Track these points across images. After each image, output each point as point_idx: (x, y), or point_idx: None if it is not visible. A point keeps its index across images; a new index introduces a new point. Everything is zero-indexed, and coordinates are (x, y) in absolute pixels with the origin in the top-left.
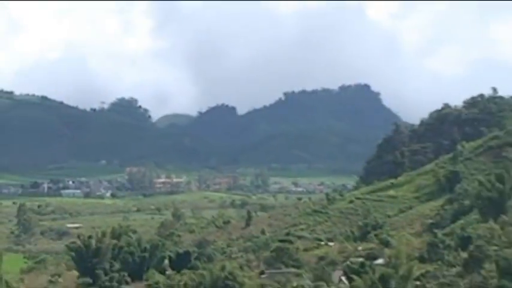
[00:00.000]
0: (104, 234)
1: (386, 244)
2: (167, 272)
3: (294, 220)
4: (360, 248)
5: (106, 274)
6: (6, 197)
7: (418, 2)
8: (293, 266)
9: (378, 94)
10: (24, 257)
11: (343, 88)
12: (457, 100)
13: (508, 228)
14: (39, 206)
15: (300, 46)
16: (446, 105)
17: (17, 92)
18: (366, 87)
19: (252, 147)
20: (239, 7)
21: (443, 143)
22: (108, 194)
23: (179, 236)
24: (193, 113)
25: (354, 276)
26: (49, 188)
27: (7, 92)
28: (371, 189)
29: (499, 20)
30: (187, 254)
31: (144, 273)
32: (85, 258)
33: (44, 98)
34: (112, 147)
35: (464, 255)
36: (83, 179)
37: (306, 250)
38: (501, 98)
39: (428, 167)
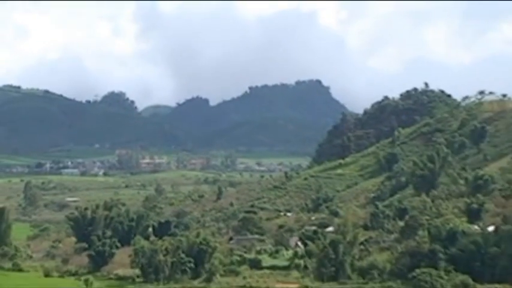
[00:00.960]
0: (97, 206)
1: (335, 214)
2: (151, 238)
3: (257, 194)
4: (313, 217)
5: (99, 240)
6: (15, 176)
7: (362, 10)
8: (257, 233)
9: (328, 88)
10: (30, 226)
11: (299, 83)
12: (394, 93)
13: (438, 201)
14: (42, 183)
15: (262, 47)
16: (386, 98)
17: (23, 87)
18: (318, 82)
19: (222, 133)
20: (211, 15)
21: (383, 130)
22: (100, 173)
23: (161, 208)
24: (173, 104)
25: (308, 242)
26: (51, 167)
27: (15, 87)
28: (322, 168)
29: (430, 24)
30: (167, 223)
31: (131, 239)
32: (82, 226)
33: (46, 91)
34: (104, 133)
35: (401, 223)
36: (80, 160)
37: (267, 219)
38: (432, 91)
39: (371, 149)
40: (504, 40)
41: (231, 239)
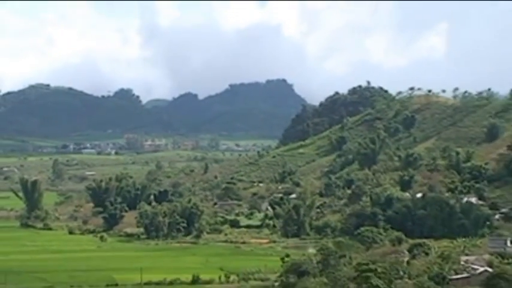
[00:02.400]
0: (110, 179)
1: (297, 184)
2: (152, 204)
3: (236, 169)
4: (279, 187)
5: (112, 205)
6: (45, 155)
7: (318, 24)
8: (236, 199)
9: (291, 85)
10: (57, 195)
11: (269, 81)
12: (343, 89)
13: (378, 174)
14: (67, 160)
15: (239, 53)
16: (337, 93)
17: (52, 85)
18: (284, 81)
19: (208, 121)
20: (198, 28)
21: (334, 118)
22: (113, 152)
23: (160, 180)
24: (169, 98)
25: (276, 206)
26: (73, 148)
27: (45, 85)
28: (287, 148)
29: (371, 35)
30: (165, 192)
31: (137, 204)
32: (98, 194)
33: (70, 88)
34: (115, 121)
35: (349, 192)
36: (96, 142)
37: (244, 189)
38: (372, 88)
39: (325, 133)
40: (429, 47)
41: (215, 204)
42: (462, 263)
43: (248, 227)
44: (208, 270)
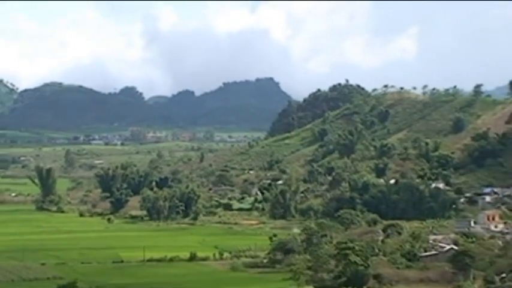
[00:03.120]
0: (116, 167)
1: (283, 172)
2: (154, 189)
3: (229, 158)
4: (268, 174)
5: (118, 190)
6: (58, 145)
7: (302, 28)
8: (228, 185)
9: (278, 83)
10: (69, 181)
11: (258, 80)
12: (325, 87)
13: (355, 162)
14: (78, 150)
15: (231, 54)
16: (319, 90)
17: (64, 83)
18: (271, 79)
19: (204, 115)
20: (194, 31)
21: (317, 112)
22: (119, 143)
23: (161, 168)
24: (169, 95)
25: (265, 191)
26: (84, 139)
27: (58, 83)
28: (274, 139)
29: (349, 37)
30: (166, 178)
31: (140, 190)
32: (105, 181)
33: (80, 86)
34: (121, 115)
35: (329, 178)
36: (104, 134)
37: (236, 176)
38: (351, 85)
39: (308, 126)
40: (401, 49)
41: (210, 189)
42: (431, 241)
43: (240, 209)
44: (204, 249)
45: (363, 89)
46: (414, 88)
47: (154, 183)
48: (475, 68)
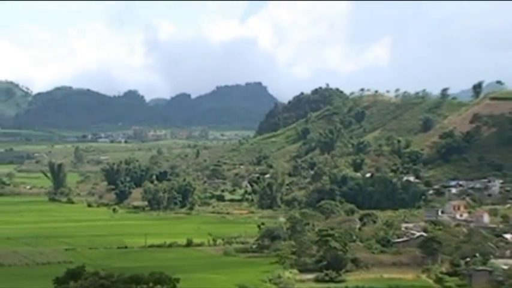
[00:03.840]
0: (120, 162)
1: (270, 166)
2: (154, 182)
3: (222, 154)
4: (256, 168)
5: (122, 183)
6: (69, 143)
7: (286, 38)
8: (221, 178)
9: (265, 87)
10: (78, 175)
11: (248, 84)
12: (307, 90)
13: (335, 158)
14: (86, 147)
15: (223, 61)
16: (302, 93)
17: (74, 87)
18: (259, 83)
19: (199, 116)
20: (190, 40)
21: (300, 113)
22: (123, 141)
23: (161, 163)
24: (168, 97)
25: (254, 184)
26: (91, 137)
27: (69, 87)
28: (262, 138)
29: (329, 46)
30: (165, 172)
31: (142, 182)
32: (111, 175)
33: (88, 90)
34: (125, 115)
35: (312, 172)
36: (109, 133)
37: (228, 170)
38: (331, 89)
39: (293, 125)
40: (376, 56)
41: (205, 182)
42: (403, 229)
43: (231, 200)
44: (199, 235)
45: (341, 92)
46: (387, 91)
47: (154, 177)
48: (442, 73)
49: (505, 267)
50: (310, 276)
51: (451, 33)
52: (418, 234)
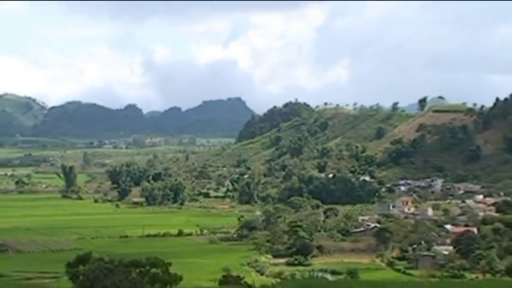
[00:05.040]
0: (122, 165)
1: (248, 168)
2: (151, 182)
3: (207, 158)
4: (237, 170)
5: (123, 182)
6: (78, 149)
7: (261, 61)
8: (207, 178)
9: (244, 102)
10: (86, 176)
11: (229, 99)
12: (279, 104)
13: (303, 161)
14: (93, 153)
15: (208, 79)
16: (275, 107)
17: (82, 101)
18: (239, 99)
19: (188, 125)
20: (180, 62)
21: (273, 123)
22: (124, 147)
23: (156, 165)
24: (162, 110)
25: (234, 183)
26: (97, 144)
27: (77, 101)
28: (241, 144)
29: (297, 67)
30: (159, 173)
31: (140, 182)
32: (114, 175)
33: (95, 104)
34: (125, 125)
35: (283, 173)
36: (113, 140)
37: (213, 171)
38: (299, 103)
39: (267, 134)
40: (337, 75)
41: (193, 182)
42: (360, 221)
43: (215, 197)
44: (188, 227)
45: (308, 106)
46: (347, 105)
47: (150, 177)
48: (393, 90)
49: (446, 252)
50: (282, 260)
51: (401, 56)
52: (372, 225)
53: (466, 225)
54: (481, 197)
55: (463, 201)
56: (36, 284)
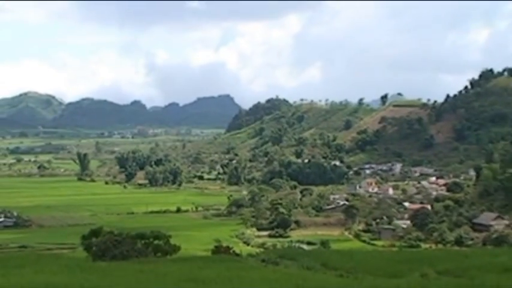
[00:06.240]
0: (129, 152)
1: (236, 155)
2: (153, 166)
3: (201, 146)
4: (226, 156)
5: (130, 167)
6: (91, 138)
7: (247, 63)
8: (201, 163)
9: (233, 98)
10: (98, 161)
11: (220, 96)
12: (263, 100)
13: (283, 149)
14: (104, 142)
15: (201, 79)
16: (259, 102)
17: (95, 98)
18: (228, 96)
19: (185, 118)
20: (178, 65)
21: (257, 117)
22: (130, 137)
23: (157, 152)
24: (162, 105)
25: (224, 167)
26: (107, 134)
27: (90, 98)
28: (230, 134)
29: (275, 68)
30: (160, 159)
31: (144, 166)
32: (122, 161)
33: (105, 100)
34: (131, 119)
35: (266, 159)
36: (121, 131)
37: (206, 157)
38: (279, 99)
39: (252, 125)
40: (311, 75)
41: (189, 166)
42: (331, 199)
43: (208, 179)
44: (185, 204)
45: (287, 101)
46: (320, 101)
47: (153, 162)
48: (359, 88)
49: (404, 226)
50: (265, 233)
51: (366, 59)
52: (342, 203)
53: (421, 203)
54: (433, 178)
55: (419, 182)
56: (56, 254)
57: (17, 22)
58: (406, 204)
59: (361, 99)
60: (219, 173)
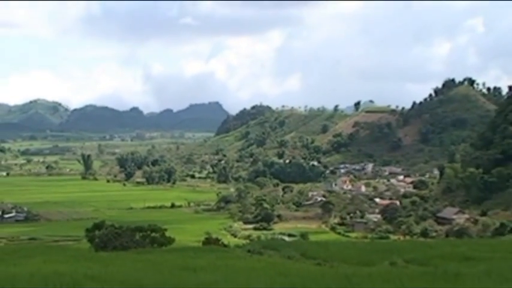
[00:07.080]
0: (128, 153)
1: (225, 156)
2: (150, 166)
3: (193, 148)
4: (216, 157)
5: (129, 167)
6: (94, 141)
7: (234, 72)
8: (193, 164)
9: (221, 105)
10: (100, 162)
11: (210, 103)
12: (248, 106)
13: (266, 150)
14: (105, 144)
15: (193, 88)
16: (245, 108)
17: (98, 105)
18: (217, 103)
19: (178, 123)
20: (171, 75)
21: (243, 121)
22: (129, 140)
23: (154, 154)
24: (158, 111)
25: (214, 167)
26: (109, 138)
27: (93, 105)
28: (219, 137)
29: (262, 77)
30: (157, 160)
31: (142, 166)
32: (122, 161)
33: (106, 107)
34: (130, 124)
35: (251, 159)
36: (120, 134)
37: (197, 158)
38: (263, 106)
39: (237, 130)
40: (292, 84)
41: (182, 166)
42: (309, 195)
43: (199, 178)
44: (179, 200)
45: (270, 108)
46: (299, 107)
47: (150, 163)
48: (335, 95)
49: (375, 219)
50: (250, 226)
51: (341, 69)
52: (319, 199)
53: (391, 199)
54: (401, 177)
55: (388, 180)
56: (62, 245)
57: (28, 37)
58: (377, 200)
59: (336, 106)
60: (209, 172)
